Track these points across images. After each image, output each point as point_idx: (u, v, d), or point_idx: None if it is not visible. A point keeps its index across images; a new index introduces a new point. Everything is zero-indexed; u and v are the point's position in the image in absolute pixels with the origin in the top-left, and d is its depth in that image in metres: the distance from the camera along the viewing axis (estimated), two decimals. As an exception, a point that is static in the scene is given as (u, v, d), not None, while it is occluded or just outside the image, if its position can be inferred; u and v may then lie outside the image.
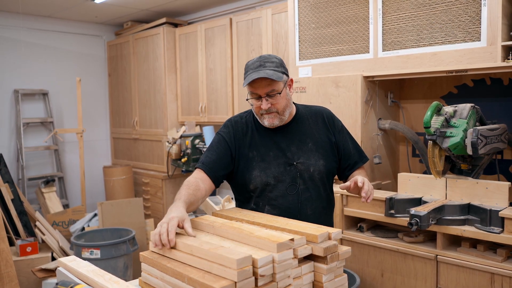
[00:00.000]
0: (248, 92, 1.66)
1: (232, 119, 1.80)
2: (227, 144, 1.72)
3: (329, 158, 1.73)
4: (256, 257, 1.08)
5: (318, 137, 1.74)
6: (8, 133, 4.74)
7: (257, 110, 1.68)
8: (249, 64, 1.66)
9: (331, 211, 1.82)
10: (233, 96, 3.98)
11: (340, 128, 1.80)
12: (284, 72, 1.66)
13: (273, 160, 1.69)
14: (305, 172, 1.69)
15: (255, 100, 1.65)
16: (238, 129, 1.75)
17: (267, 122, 1.68)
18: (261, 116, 1.69)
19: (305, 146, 1.71)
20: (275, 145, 1.71)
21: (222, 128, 1.79)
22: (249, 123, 1.77)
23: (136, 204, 4.10)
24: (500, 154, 2.55)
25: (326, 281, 1.22)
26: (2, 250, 2.59)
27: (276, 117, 1.67)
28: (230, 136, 1.73)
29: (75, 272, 1.27)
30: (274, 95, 1.62)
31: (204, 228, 1.37)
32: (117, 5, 4.40)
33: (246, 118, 1.79)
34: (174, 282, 1.16)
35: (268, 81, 1.60)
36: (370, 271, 2.48)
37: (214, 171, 1.67)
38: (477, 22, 2.19)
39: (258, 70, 1.60)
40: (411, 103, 2.94)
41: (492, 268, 2.02)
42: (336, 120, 1.82)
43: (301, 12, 2.91)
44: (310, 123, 1.76)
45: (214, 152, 1.71)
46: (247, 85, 1.62)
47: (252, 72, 1.61)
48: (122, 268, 3.40)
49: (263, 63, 1.62)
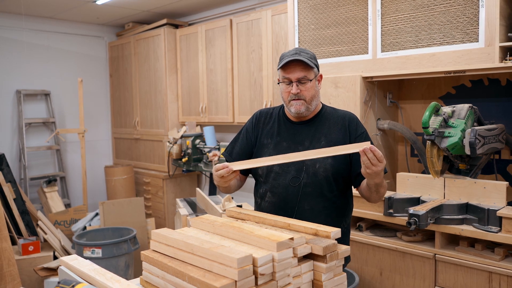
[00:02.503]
0: (280, 78, 1.73)
1: (260, 110, 1.92)
2: (249, 134, 1.86)
3: (339, 160, 1.72)
4: (256, 256, 1.08)
5: (334, 137, 1.75)
6: (11, 133, 4.76)
7: (286, 96, 1.73)
8: (285, 53, 1.74)
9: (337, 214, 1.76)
10: (233, 97, 4.00)
11: (359, 134, 1.77)
12: (316, 65, 1.73)
13: (284, 150, 1.73)
14: (311, 167, 1.71)
15: (286, 85, 1.71)
16: (261, 118, 1.87)
17: (294, 109, 1.72)
18: (288, 103, 1.73)
19: (318, 144, 1.73)
20: (291, 137, 1.77)
21: (248, 120, 1.92)
22: (275, 115, 1.86)
23: (137, 203, 4.12)
24: (498, 154, 2.56)
25: (326, 279, 1.23)
26: (5, 249, 2.61)
27: (303, 105, 1.71)
28: (252, 126, 1.86)
29: (77, 271, 1.28)
30: (305, 82, 1.69)
31: (204, 227, 1.38)
32: (118, 6, 4.42)
33: (274, 110, 1.89)
34: (175, 281, 1.16)
35: (301, 67, 1.68)
36: (369, 270, 2.50)
37: (235, 160, 1.78)
38: (475, 23, 2.21)
39: (294, 56, 1.67)
40: (410, 104, 2.96)
41: (490, 267, 2.03)
42: (360, 127, 1.79)
43: (300, 14, 2.93)
44: (331, 124, 1.78)
45: (237, 142, 1.88)
46: (280, 70, 1.71)
47: (288, 57, 1.68)
48: (124, 267, 3.43)
49: (299, 52, 1.70)
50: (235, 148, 1.87)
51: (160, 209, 4.71)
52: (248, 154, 1.84)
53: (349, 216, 1.85)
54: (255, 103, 3.79)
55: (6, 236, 2.66)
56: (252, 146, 1.84)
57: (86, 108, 4.94)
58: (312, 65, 1.68)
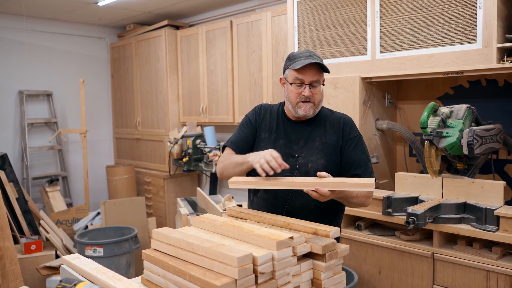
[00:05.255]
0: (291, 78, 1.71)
1: (261, 105, 1.92)
2: (252, 124, 1.85)
3: (331, 161, 1.75)
4: (256, 255, 1.09)
5: (328, 138, 1.77)
6: (13, 133, 4.79)
7: (295, 97, 1.72)
8: (295, 53, 1.73)
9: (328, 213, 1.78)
10: (233, 97, 4.02)
11: (352, 137, 1.79)
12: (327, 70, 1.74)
13: (280, 147, 1.75)
14: (303, 166, 1.73)
15: (297, 86, 1.71)
16: (262, 112, 1.87)
17: (302, 112, 1.72)
18: (296, 104, 1.73)
19: (312, 144, 1.75)
20: (287, 135, 1.78)
21: (250, 111, 1.91)
22: (274, 112, 1.86)
23: (139, 203, 4.14)
24: (496, 154, 2.58)
25: (325, 278, 1.24)
26: (7, 248, 2.63)
27: (312, 108, 1.72)
28: (256, 118, 1.86)
29: (79, 269, 1.28)
30: (317, 85, 1.70)
31: (205, 226, 1.40)
32: (120, 7, 4.44)
33: (274, 107, 1.89)
34: (175, 280, 1.17)
35: (316, 70, 1.69)
36: (368, 268, 2.52)
37: (241, 150, 1.79)
38: (473, 24, 2.22)
39: (310, 58, 1.67)
40: (408, 104, 2.98)
41: (488, 265, 2.05)
42: (353, 130, 1.81)
43: (300, 15, 2.95)
44: (327, 125, 1.80)
45: (241, 132, 1.85)
46: (294, 70, 1.69)
47: (303, 59, 1.68)
48: (125, 265, 3.45)
49: (312, 55, 1.70)
50: (240, 138, 1.84)
51: (161, 209, 4.74)
52: (251, 143, 1.83)
53: (341, 217, 1.86)
54: (255, 104, 3.81)
55: (8, 235, 2.68)
56: (255, 136, 1.84)
57: (87, 109, 4.96)
58: (327, 69, 1.69)
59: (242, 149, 1.80)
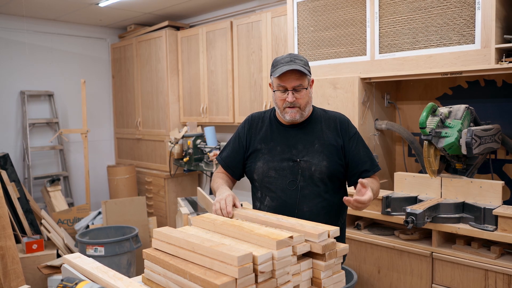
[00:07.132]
0: (275, 85, 1.74)
1: (252, 115, 1.93)
2: (241, 140, 1.88)
3: (333, 161, 1.75)
4: (256, 254, 1.10)
5: (326, 139, 1.78)
6: (15, 134, 4.81)
7: (281, 103, 1.74)
8: (278, 59, 1.74)
9: (334, 213, 1.81)
10: (233, 97, 4.04)
11: (352, 135, 1.81)
12: (309, 71, 1.74)
13: (278, 154, 1.76)
14: (307, 170, 1.73)
15: (281, 93, 1.72)
16: (253, 123, 1.89)
17: (289, 117, 1.74)
18: (283, 110, 1.75)
19: (311, 146, 1.76)
20: (284, 141, 1.79)
21: (240, 124, 1.93)
22: (267, 119, 1.87)
23: (139, 202, 4.16)
24: (494, 154, 2.59)
25: (324, 277, 1.24)
26: (9, 248, 2.64)
27: (298, 112, 1.73)
28: (244, 131, 1.88)
29: (80, 269, 1.29)
30: (300, 90, 1.70)
31: (205, 226, 1.40)
32: (120, 8, 4.46)
33: (266, 114, 1.90)
34: (176, 279, 1.17)
35: (297, 75, 1.69)
36: (367, 267, 2.53)
37: (230, 166, 1.89)
38: (471, 25, 2.24)
39: (290, 64, 1.68)
40: (407, 104, 2.99)
41: (486, 265, 2.06)
42: (351, 127, 1.83)
43: (300, 16, 2.96)
44: (323, 126, 1.81)
45: (230, 147, 1.91)
46: (276, 78, 1.71)
47: (283, 65, 1.69)
48: (126, 265, 3.46)
49: (293, 59, 1.70)
50: (228, 153, 1.91)
51: (162, 208, 4.75)
52: (239, 159, 1.88)
53: (345, 213, 1.91)
54: (255, 104, 3.83)
55: (10, 235, 2.69)
56: (244, 151, 1.87)
57: (89, 109, 4.98)
58: (306, 73, 1.69)
59: (229, 164, 1.89)
